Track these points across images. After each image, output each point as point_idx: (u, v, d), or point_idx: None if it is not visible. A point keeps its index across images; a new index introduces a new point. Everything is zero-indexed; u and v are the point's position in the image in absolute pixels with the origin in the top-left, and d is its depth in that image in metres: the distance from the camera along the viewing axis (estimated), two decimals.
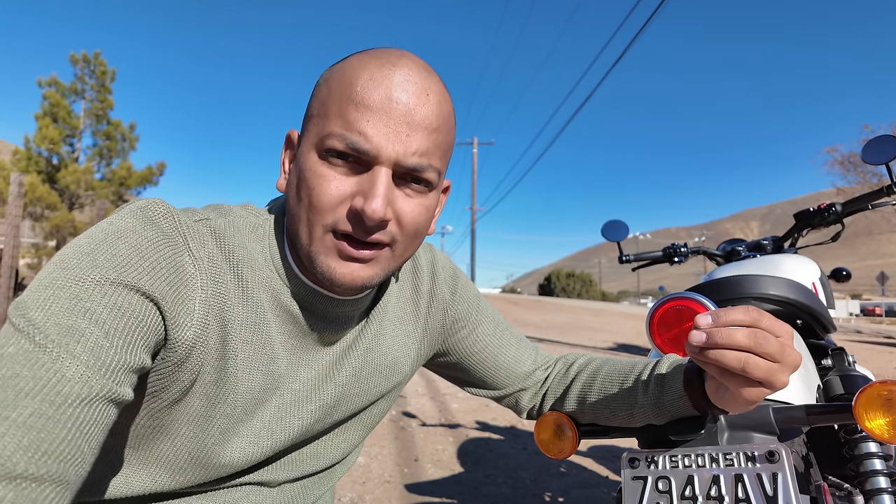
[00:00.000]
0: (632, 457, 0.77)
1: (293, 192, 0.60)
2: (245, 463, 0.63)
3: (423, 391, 5.06)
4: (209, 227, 0.58)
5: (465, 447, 3.36)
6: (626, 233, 1.83)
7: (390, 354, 0.74)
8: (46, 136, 12.99)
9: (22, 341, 0.44)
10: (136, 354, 0.48)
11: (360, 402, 0.73)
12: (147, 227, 0.52)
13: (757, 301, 1.23)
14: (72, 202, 13.36)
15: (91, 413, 0.44)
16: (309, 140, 0.59)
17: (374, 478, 2.79)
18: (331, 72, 0.60)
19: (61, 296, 0.46)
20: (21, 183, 6.46)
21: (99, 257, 0.48)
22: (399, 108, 0.55)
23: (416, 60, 0.58)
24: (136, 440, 0.59)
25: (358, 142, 0.54)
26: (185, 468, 0.61)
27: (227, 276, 0.57)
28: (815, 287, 1.39)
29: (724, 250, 1.76)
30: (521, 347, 0.89)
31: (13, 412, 0.40)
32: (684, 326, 0.88)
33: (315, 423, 0.68)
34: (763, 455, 0.68)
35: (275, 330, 0.62)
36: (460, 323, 0.83)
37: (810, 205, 1.71)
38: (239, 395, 0.59)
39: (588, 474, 2.88)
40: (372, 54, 0.58)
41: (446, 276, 0.82)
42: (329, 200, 0.56)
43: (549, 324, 13.59)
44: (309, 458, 0.72)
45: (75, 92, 13.88)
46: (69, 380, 0.43)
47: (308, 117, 0.61)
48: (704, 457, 0.72)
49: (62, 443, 0.42)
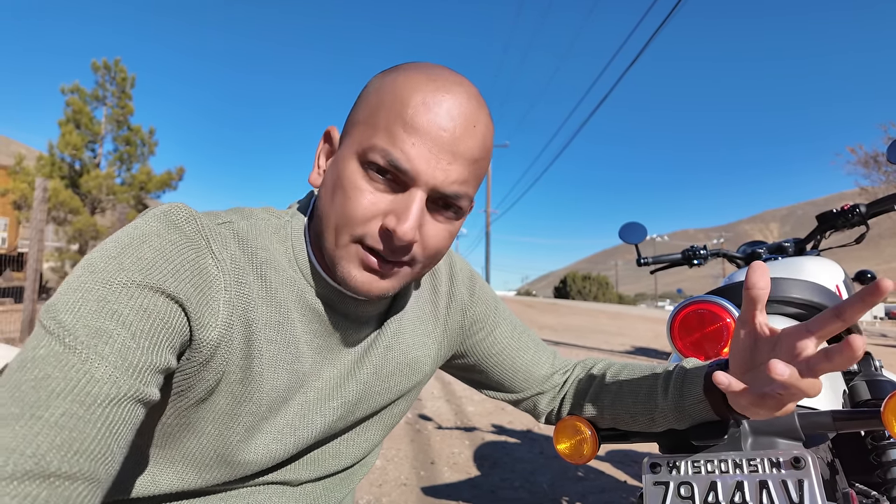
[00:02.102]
0: (653, 462, 0.76)
1: (327, 192, 0.61)
2: (269, 461, 0.64)
3: (438, 394, 5.06)
4: (232, 229, 0.59)
5: (481, 450, 3.35)
6: (643, 235, 1.81)
7: (410, 353, 0.75)
8: (69, 143, 13.27)
9: (53, 343, 0.45)
10: (162, 355, 0.49)
11: (381, 400, 0.74)
12: (171, 230, 0.53)
13: (780, 305, 1.21)
14: (93, 206, 13.62)
15: (120, 412, 0.46)
16: (351, 146, 0.59)
17: (390, 480, 2.80)
18: (382, 81, 0.60)
19: (89, 298, 0.47)
20: (45, 188, 6.60)
21: (125, 261, 0.50)
22: (445, 137, 0.56)
23: (469, 89, 0.59)
24: (163, 439, 0.60)
25: (400, 161, 0.55)
26: (211, 466, 0.62)
27: (251, 277, 0.59)
28: (838, 290, 1.36)
29: (745, 252, 1.73)
30: (538, 350, 0.89)
31: (46, 412, 0.42)
32: (706, 330, 0.87)
33: (337, 420, 0.69)
34: (788, 461, 0.67)
35: (300, 329, 0.63)
36: (478, 325, 0.84)
37: (832, 206, 1.68)
38: (264, 393, 0.60)
39: (606, 479, 2.85)
40: (428, 74, 0.58)
41: (464, 277, 0.83)
42: (362, 214, 0.57)
43: (566, 327, 13.50)
44: (330, 457, 0.73)
45: (97, 98, 14.16)
46: (98, 380, 0.45)
47: (353, 121, 0.61)
48: (728, 462, 0.71)
49: (93, 442, 0.43)
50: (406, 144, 0.55)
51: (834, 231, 1.68)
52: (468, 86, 0.59)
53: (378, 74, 0.63)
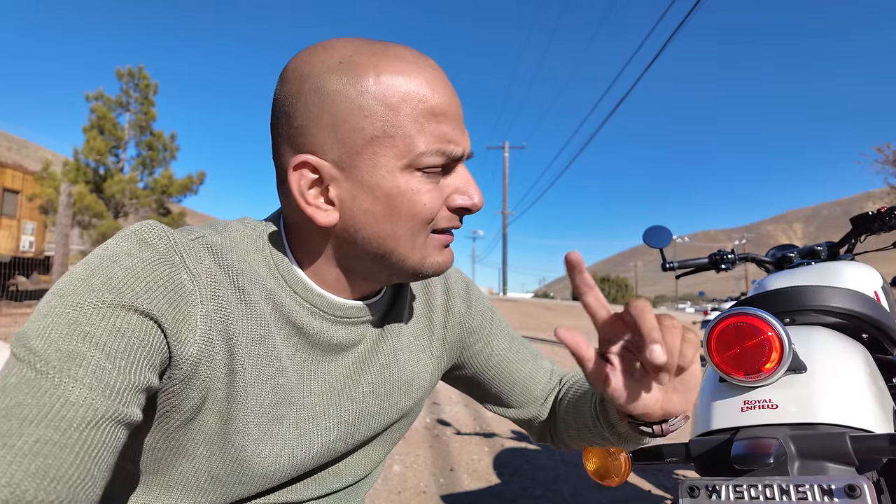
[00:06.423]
0: (691, 485, 0.72)
1: (373, 218, 0.57)
2: (267, 482, 0.62)
3: (456, 398, 5.02)
4: (205, 244, 0.58)
5: (501, 457, 3.30)
6: (668, 239, 1.76)
7: (408, 370, 0.73)
8: (94, 148, 13.52)
9: (24, 370, 0.44)
10: (141, 374, 0.48)
11: (381, 420, 0.72)
12: (142, 248, 0.52)
13: (818, 314, 1.15)
14: (117, 211, 13.86)
15: (98, 435, 0.44)
16: (383, 163, 0.55)
17: (409, 487, 2.77)
18: (365, 87, 0.54)
19: (60, 322, 0.46)
20: (70, 193, 6.73)
21: (95, 282, 0.49)
22: (455, 106, 0.58)
23: (418, 53, 0.59)
24: (155, 464, 0.58)
25: (454, 151, 0.57)
26: (206, 489, 0.60)
27: (228, 290, 0.57)
28: (877, 297, 1.30)
29: (774, 257, 1.67)
30: (536, 366, 0.86)
31: (18, 440, 0.41)
32: (746, 345, 0.82)
33: (336, 441, 0.66)
34: (842, 489, 0.62)
35: (280, 343, 0.61)
36: (475, 335, 0.82)
37: (860, 205, 1.62)
38: (250, 409, 0.58)
39: (629, 488, 2.79)
40: (402, 58, 0.56)
41: (459, 289, 0.81)
42: (431, 209, 0.58)
43: (585, 329, 13.34)
44: (332, 476, 0.71)
45: (121, 105, 14.40)
46: (73, 404, 0.43)
47: (364, 139, 0.55)
48: (773, 488, 0.66)
49: (70, 467, 0.42)
50: (448, 133, 0.57)
51: (869, 234, 1.62)
52: (414, 49, 0.60)
53: (340, 80, 0.55)
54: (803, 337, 1.04)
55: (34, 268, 12.70)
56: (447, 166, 0.59)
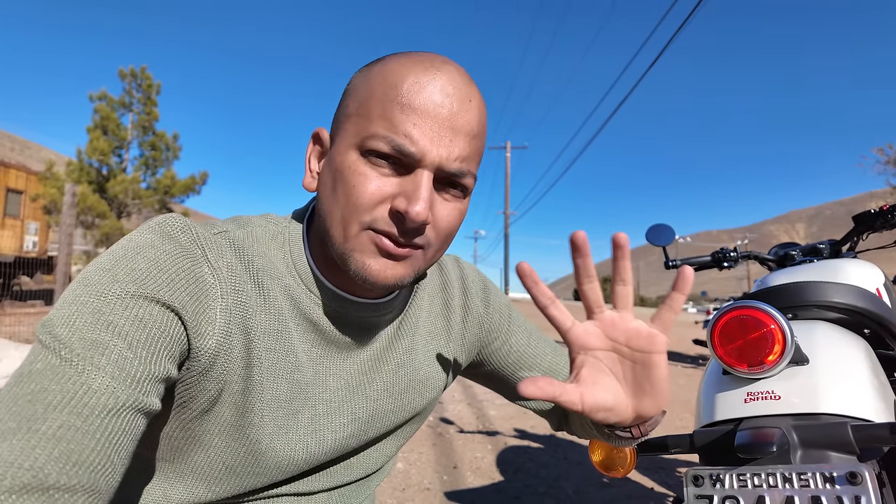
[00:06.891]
0: (695, 474, 0.73)
1: (326, 191, 0.60)
2: (280, 475, 0.64)
3: (459, 397, 5.04)
4: (227, 238, 0.59)
5: (504, 455, 3.31)
6: (671, 237, 1.77)
7: (422, 370, 0.74)
8: (97, 148, 13.56)
9: (49, 357, 0.45)
10: (161, 364, 0.49)
11: (394, 418, 0.73)
12: (165, 241, 0.53)
13: (820, 309, 1.16)
14: (120, 211, 13.89)
15: (119, 423, 0.45)
16: (346, 139, 0.58)
17: (413, 484, 2.78)
18: (369, 72, 0.59)
19: (84, 311, 0.47)
20: (74, 193, 6.75)
21: (119, 272, 0.50)
22: (444, 113, 0.55)
23: (458, 67, 0.59)
24: (171, 453, 0.60)
25: (404, 144, 0.54)
26: (221, 479, 0.61)
27: (248, 285, 0.58)
28: (879, 293, 1.31)
29: (777, 254, 1.68)
30: (556, 358, 0.87)
31: (42, 425, 0.41)
32: (749, 337, 0.84)
33: (349, 437, 0.68)
34: (843, 476, 0.64)
35: (297, 339, 0.62)
36: (494, 333, 0.82)
37: (862, 205, 1.63)
38: (266, 403, 0.59)
39: (632, 486, 2.80)
40: (415, 58, 0.58)
41: (477, 289, 0.82)
42: (370, 199, 0.56)
43: None
44: (344, 470, 0.72)
45: (123, 105, 14.43)
46: (95, 391, 0.44)
47: (345, 115, 0.60)
48: (776, 476, 0.67)
49: (91, 453, 0.43)
50: (407, 126, 0.54)
51: (871, 232, 1.63)
52: (456, 65, 0.60)
53: (362, 68, 0.62)
54: (805, 331, 1.05)
55: (37, 268, 12.74)
56: (403, 166, 0.56)
